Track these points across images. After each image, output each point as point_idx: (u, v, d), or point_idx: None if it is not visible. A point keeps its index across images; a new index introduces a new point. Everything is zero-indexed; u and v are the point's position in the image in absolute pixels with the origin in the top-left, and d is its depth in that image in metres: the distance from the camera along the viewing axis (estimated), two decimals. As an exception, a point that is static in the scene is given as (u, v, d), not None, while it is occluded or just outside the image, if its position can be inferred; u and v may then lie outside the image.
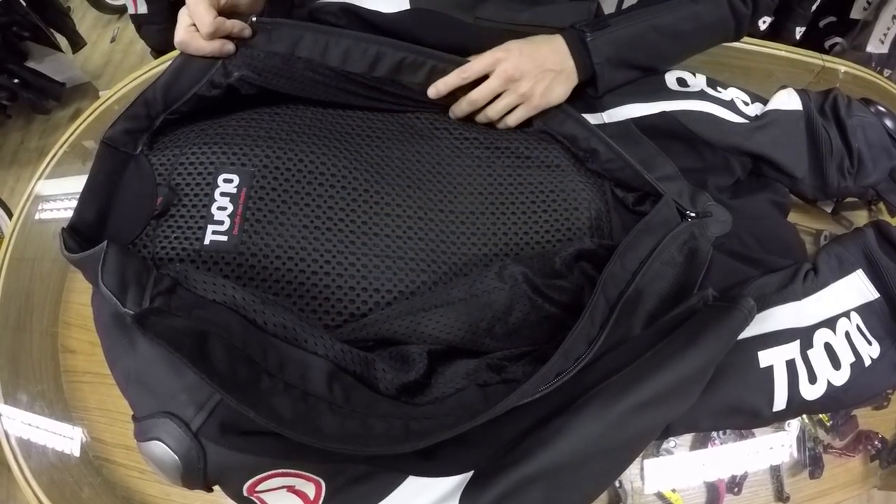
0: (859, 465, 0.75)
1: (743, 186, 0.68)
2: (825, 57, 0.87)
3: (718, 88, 0.68)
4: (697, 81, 0.68)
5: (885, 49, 1.37)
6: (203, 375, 0.36)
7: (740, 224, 0.61)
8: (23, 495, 0.66)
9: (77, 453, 0.70)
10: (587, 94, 0.65)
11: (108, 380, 0.45)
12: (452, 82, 0.58)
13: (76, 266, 0.44)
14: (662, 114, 0.64)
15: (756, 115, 0.68)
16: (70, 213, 0.49)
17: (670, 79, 0.67)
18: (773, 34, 1.33)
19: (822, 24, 1.49)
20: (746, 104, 0.68)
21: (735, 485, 0.70)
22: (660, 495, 0.69)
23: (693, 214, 0.59)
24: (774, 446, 0.71)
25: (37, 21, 1.64)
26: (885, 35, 1.36)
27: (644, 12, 0.62)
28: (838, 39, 1.47)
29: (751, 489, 0.71)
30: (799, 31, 1.36)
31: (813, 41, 1.46)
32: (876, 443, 0.74)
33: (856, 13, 1.43)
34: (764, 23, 1.29)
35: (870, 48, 1.39)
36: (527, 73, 0.59)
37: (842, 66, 0.88)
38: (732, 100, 0.67)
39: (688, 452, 0.70)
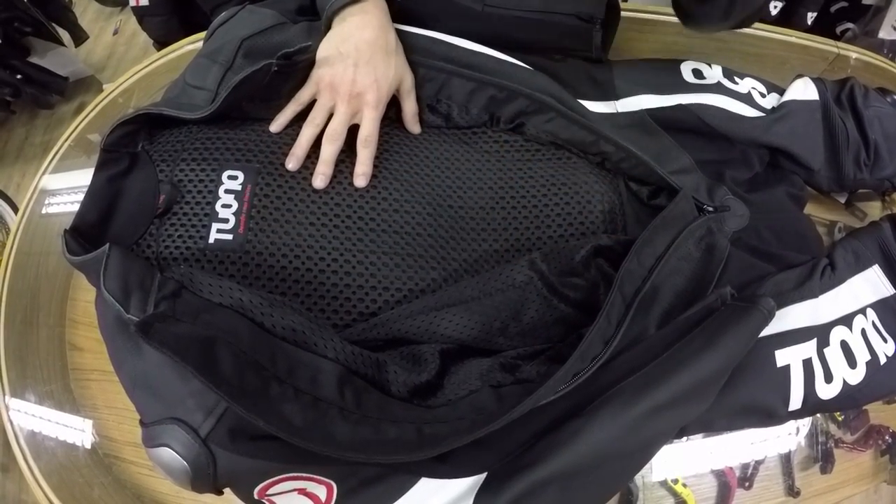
0: (869, 460, 0.74)
1: (760, 179, 0.66)
2: (840, 44, 0.85)
3: (735, 79, 0.66)
4: (714, 73, 0.66)
5: (897, 36, 1.35)
6: (210, 384, 0.36)
7: (758, 218, 0.60)
8: (33, 495, 0.66)
9: (88, 446, 0.70)
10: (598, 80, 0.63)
11: (116, 377, 0.45)
12: (289, 114, 0.53)
13: (78, 269, 0.44)
14: (679, 106, 0.62)
15: (773, 108, 0.66)
16: (76, 208, 0.48)
17: (686, 70, 0.66)
18: (784, 20, 1.31)
19: (833, 9, 1.47)
20: (763, 95, 0.67)
21: (746, 480, 0.70)
22: (671, 490, 0.68)
23: (711, 208, 0.58)
24: (782, 434, 0.71)
25: (38, 16, 1.63)
26: (898, 21, 1.34)
27: None
28: (850, 25, 1.44)
29: (761, 484, 0.70)
30: (810, 17, 1.34)
31: (824, 27, 1.43)
32: (887, 437, 0.74)
33: (868, -2, 1.41)
34: (775, 7, 1.27)
35: (882, 34, 1.36)
36: (338, 72, 0.52)
37: (853, 53, 0.86)
38: (749, 92, 0.66)
39: (696, 440, 0.69)
